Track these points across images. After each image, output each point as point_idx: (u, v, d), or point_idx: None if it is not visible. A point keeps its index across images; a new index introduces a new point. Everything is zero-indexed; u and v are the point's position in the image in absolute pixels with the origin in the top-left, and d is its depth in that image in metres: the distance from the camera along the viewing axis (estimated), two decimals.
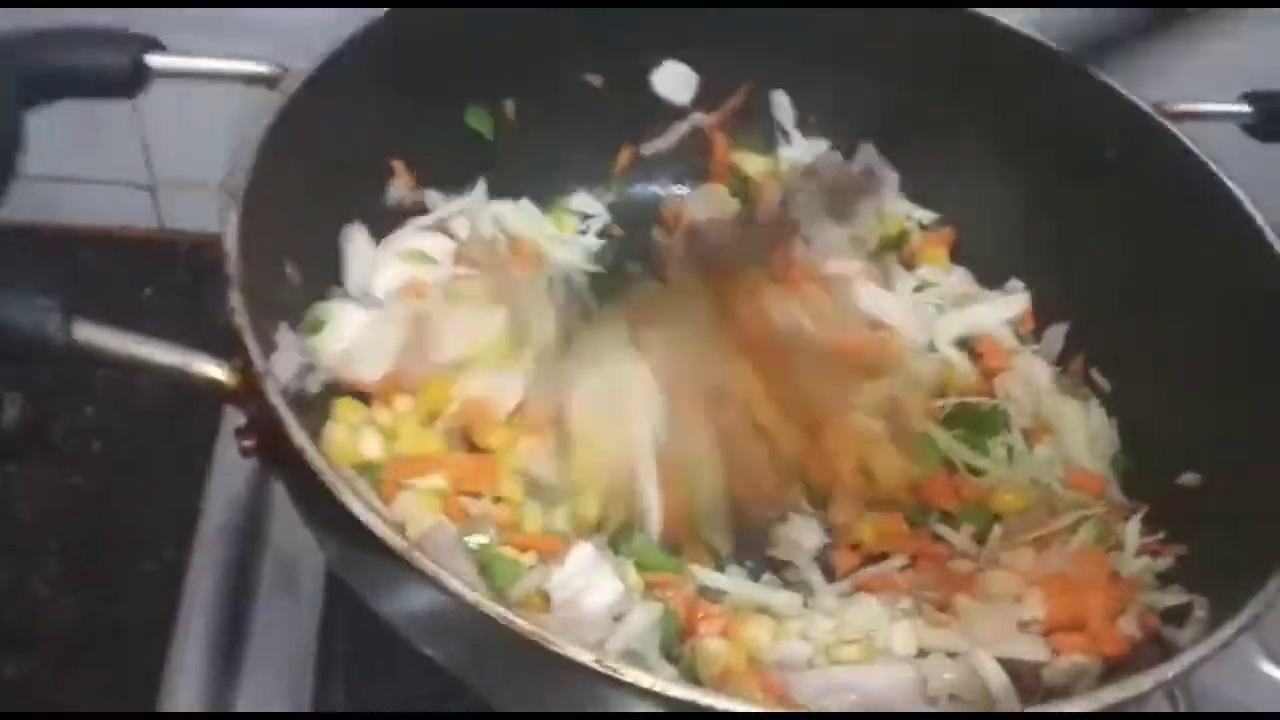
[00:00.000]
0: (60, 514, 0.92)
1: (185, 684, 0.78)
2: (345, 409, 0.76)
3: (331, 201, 0.80)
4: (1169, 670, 0.57)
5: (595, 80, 0.93)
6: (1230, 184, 0.79)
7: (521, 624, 0.50)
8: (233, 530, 0.86)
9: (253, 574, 0.84)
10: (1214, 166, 0.80)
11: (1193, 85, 0.82)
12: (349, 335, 0.78)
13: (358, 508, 0.54)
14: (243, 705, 0.78)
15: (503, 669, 0.57)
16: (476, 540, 0.68)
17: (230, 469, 0.88)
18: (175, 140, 1.05)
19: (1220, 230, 0.79)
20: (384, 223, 0.85)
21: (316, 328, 0.76)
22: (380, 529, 0.53)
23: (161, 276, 1.08)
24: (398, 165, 0.85)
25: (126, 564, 0.90)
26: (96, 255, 1.09)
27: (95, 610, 0.88)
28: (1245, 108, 0.83)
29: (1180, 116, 0.83)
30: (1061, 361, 0.91)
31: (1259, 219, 0.77)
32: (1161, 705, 0.83)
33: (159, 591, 0.83)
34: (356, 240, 0.83)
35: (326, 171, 0.76)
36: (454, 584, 0.51)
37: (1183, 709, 0.85)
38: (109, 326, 0.58)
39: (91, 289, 1.05)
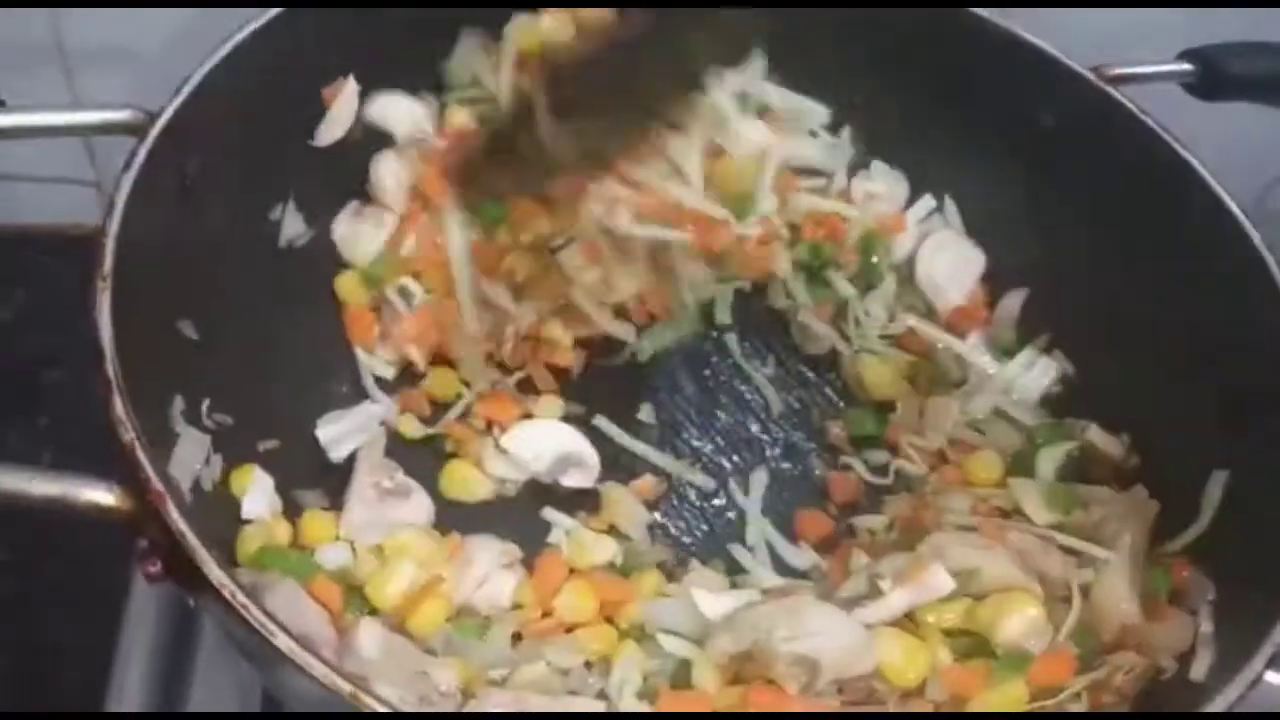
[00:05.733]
0: None
1: None
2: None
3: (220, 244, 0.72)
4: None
5: None
6: (1179, 148, 0.75)
7: None
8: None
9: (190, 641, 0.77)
10: (1161, 131, 0.76)
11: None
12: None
13: (304, 659, 0.48)
14: None
15: None
16: None
17: None
18: None
19: (1169, 195, 0.76)
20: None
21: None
22: (327, 677, 0.47)
23: None
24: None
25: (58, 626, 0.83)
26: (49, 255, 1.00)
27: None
28: (1186, 66, 0.80)
29: (1120, 80, 0.79)
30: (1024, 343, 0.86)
31: (1211, 181, 0.74)
32: None
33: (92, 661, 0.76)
34: None
35: (209, 212, 0.69)
36: None
37: None
38: None
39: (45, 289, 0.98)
